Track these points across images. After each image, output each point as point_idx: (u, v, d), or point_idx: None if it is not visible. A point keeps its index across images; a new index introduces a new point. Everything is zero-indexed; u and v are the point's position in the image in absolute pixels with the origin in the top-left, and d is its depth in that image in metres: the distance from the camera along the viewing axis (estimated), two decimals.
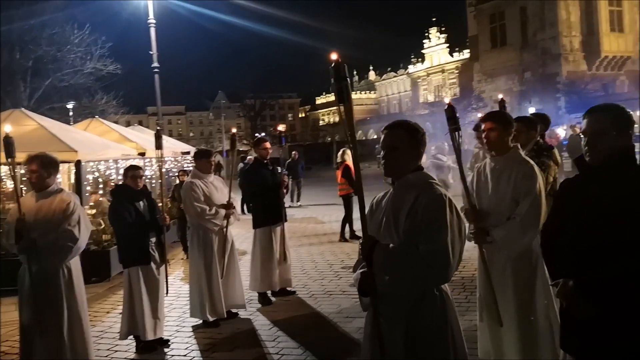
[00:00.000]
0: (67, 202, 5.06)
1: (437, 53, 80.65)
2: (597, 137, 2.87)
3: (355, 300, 7.43)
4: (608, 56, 44.54)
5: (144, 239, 6.16)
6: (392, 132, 3.02)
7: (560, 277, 2.91)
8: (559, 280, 2.90)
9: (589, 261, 2.78)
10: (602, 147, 2.86)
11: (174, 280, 9.39)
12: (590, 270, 2.76)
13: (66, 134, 9.66)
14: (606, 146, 2.85)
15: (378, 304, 2.86)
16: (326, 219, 16.32)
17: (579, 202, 2.92)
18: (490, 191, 4.50)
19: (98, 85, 28.76)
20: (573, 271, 2.85)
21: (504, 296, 4.34)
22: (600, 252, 2.74)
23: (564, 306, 2.94)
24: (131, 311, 6.18)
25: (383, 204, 3.06)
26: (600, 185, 2.84)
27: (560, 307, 3.06)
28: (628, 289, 2.66)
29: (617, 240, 2.70)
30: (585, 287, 2.76)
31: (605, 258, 2.72)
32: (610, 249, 2.71)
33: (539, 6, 45.30)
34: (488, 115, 4.75)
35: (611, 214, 2.75)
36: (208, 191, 6.96)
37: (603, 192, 2.81)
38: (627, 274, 2.66)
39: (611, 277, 2.69)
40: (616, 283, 2.69)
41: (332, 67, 2.88)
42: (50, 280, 5.00)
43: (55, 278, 5.03)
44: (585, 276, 2.77)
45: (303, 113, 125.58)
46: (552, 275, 3.08)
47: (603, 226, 2.75)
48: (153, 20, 19.73)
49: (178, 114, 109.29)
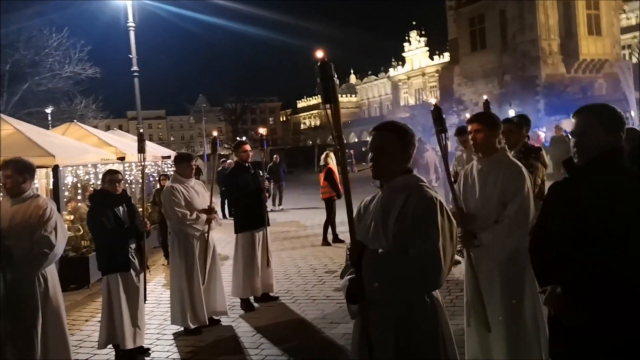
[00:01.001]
0: (43, 208, 4.89)
1: (417, 56, 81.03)
2: (585, 137, 2.78)
3: (340, 306, 7.37)
4: (586, 59, 45.16)
5: (123, 246, 6.00)
6: (381, 134, 2.92)
7: (548, 284, 2.82)
8: (547, 287, 2.82)
9: (576, 266, 2.68)
10: (590, 146, 2.77)
11: (155, 287, 9.23)
12: (578, 275, 2.66)
13: (43, 139, 9.45)
14: (594, 146, 2.76)
15: (367, 311, 2.76)
16: (308, 223, 16.21)
17: (566, 204, 2.82)
18: (478, 194, 4.42)
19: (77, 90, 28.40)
20: (561, 277, 2.76)
21: (491, 301, 4.25)
22: (588, 256, 2.65)
23: (551, 313, 2.85)
24: (110, 319, 6.01)
25: (371, 207, 2.96)
26: (587, 187, 2.75)
27: (548, 314, 2.96)
28: (618, 294, 2.56)
29: (605, 244, 2.60)
30: (574, 293, 2.68)
31: (593, 262, 2.62)
32: (598, 253, 2.61)
33: (518, 10, 45.80)
34: (474, 116, 4.67)
35: (599, 216, 2.65)
36: (189, 196, 6.82)
37: (591, 194, 2.71)
38: (616, 278, 2.56)
39: (600, 283, 2.60)
40: (605, 289, 2.59)
41: (319, 66, 2.76)
42: (26, 289, 4.83)
43: (31, 287, 4.84)
44: (573, 282, 2.67)
45: (284, 117, 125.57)
46: (540, 281, 2.97)
47: (591, 229, 2.66)
48: (132, 24, 19.49)
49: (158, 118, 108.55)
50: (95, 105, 29.72)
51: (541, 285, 2.90)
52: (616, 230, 2.58)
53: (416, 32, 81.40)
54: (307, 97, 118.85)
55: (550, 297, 2.76)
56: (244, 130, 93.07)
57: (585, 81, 45.83)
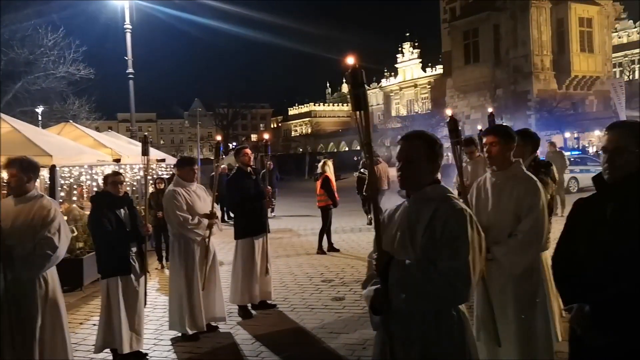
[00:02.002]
0: (47, 209, 4.80)
1: (410, 68, 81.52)
2: (618, 154, 2.73)
3: (339, 316, 7.31)
4: (578, 76, 45.54)
5: (124, 249, 5.91)
6: (409, 143, 2.87)
7: (574, 302, 2.77)
8: (573, 305, 2.77)
9: (605, 285, 2.63)
10: (622, 164, 2.72)
11: (150, 291, 9.08)
12: (607, 296, 2.62)
13: (41, 138, 9.33)
14: (627, 164, 2.72)
15: (390, 323, 2.70)
16: (302, 231, 16.14)
17: (594, 222, 2.78)
18: (491, 207, 4.37)
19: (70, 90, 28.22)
20: (588, 296, 2.71)
21: (503, 315, 4.20)
22: (617, 276, 2.60)
23: (577, 332, 2.79)
24: (108, 323, 5.91)
25: (396, 217, 2.90)
26: (618, 204, 2.71)
27: (570, 333, 2.91)
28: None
29: (635, 263, 2.57)
30: (602, 313, 2.63)
31: (623, 282, 2.58)
32: (627, 273, 2.57)
33: (511, 25, 46.14)
34: (489, 129, 4.64)
35: (629, 234, 2.61)
36: (191, 200, 6.74)
37: (621, 212, 2.68)
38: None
39: (630, 305, 2.55)
40: (634, 310, 2.55)
41: (350, 72, 2.72)
42: (26, 290, 4.73)
43: (31, 289, 4.74)
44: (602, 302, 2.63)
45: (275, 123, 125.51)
46: (565, 299, 2.92)
47: (620, 248, 2.62)
48: (129, 25, 19.41)
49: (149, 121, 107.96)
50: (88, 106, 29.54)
51: (566, 303, 2.86)
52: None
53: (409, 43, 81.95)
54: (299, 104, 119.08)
55: (576, 316, 2.71)
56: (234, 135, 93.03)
57: (576, 97, 46.21)
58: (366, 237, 13.82)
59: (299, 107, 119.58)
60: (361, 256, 11.21)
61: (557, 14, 45.50)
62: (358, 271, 9.93)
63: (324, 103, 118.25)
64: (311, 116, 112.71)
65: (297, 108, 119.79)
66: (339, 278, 9.57)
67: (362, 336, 6.34)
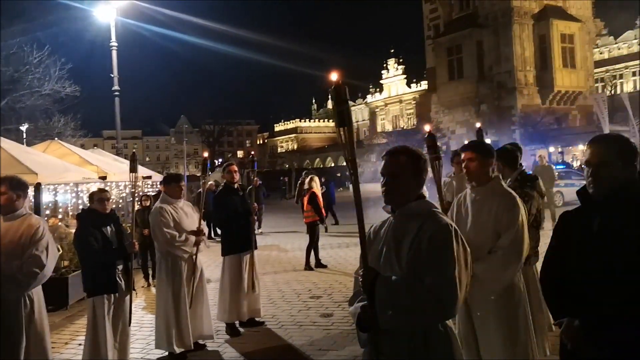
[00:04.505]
0: (35, 227, 4.81)
1: (395, 84, 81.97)
2: (603, 168, 2.75)
3: (328, 332, 7.29)
4: (561, 91, 46.08)
5: (110, 267, 5.86)
6: (394, 159, 2.88)
7: (564, 316, 2.78)
8: (563, 320, 2.78)
9: (593, 299, 2.65)
10: (607, 177, 2.74)
11: (136, 310, 8.98)
12: (598, 309, 2.63)
13: (26, 156, 9.29)
14: (611, 177, 2.74)
15: (378, 340, 2.71)
16: (289, 247, 16.10)
17: (581, 236, 2.79)
18: (470, 223, 4.33)
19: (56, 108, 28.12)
20: (577, 310, 2.72)
21: (484, 333, 4.17)
22: (605, 289, 2.62)
23: (568, 347, 2.81)
24: (94, 343, 5.82)
25: (382, 233, 2.91)
26: (606, 219, 2.72)
27: (561, 347, 2.92)
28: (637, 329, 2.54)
29: (623, 277, 2.58)
30: (592, 327, 2.65)
31: (614, 296, 2.59)
32: (618, 287, 2.59)
33: (494, 41, 46.69)
34: (467, 145, 4.59)
35: (616, 247, 2.63)
36: (178, 217, 6.72)
37: (607, 226, 2.70)
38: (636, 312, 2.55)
39: (620, 318, 2.57)
40: (627, 324, 2.56)
41: (333, 89, 2.74)
42: (11, 310, 4.69)
43: (16, 308, 4.71)
44: (593, 316, 2.65)
45: (261, 140, 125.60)
46: (554, 313, 2.93)
47: (608, 261, 2.63)
48: (115, 43, 19.42)
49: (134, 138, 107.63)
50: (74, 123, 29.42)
51: (555, 317, 2.87)
52: (634, 263, 2.56)
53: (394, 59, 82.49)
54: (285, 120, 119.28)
55: (567, 329, 2.72)
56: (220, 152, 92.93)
57: (559, 112, 46.70)
58: (354, 253, 13.79)
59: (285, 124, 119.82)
60: (349, 272, 11.20)
61: (539, 31, 46.11)
62: (346, 287, 9.91)
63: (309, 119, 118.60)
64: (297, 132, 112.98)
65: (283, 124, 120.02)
66: (327, 294, 9.54)
67: (351, 353, 6.32)
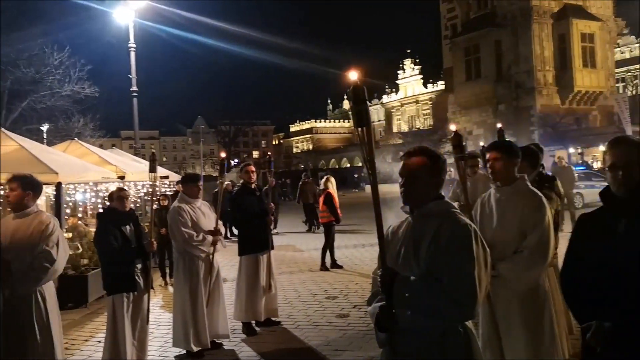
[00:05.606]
0: (45, 224, 4.88)
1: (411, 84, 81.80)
2: (631, 169, 2.73)
3: (344, 333, 7.28)
4: (581, 91, 45.53)
5: (130, 265, 5.92)
6: (412, 159, 2.88)
7: (591, 319, 2.75)
8: (592, 323, 2.74)
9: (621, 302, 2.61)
10: (635, 178, 2.73)
11: (154, 308, 9.04)
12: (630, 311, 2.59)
13: (47, 156, 9.39)
14: (636, 178, 2.73)
15: (396, 340, 2.70)
16: (304, 247, 16.12)
17: (605, 237, 2.76)
18: (495, 223, 4.32)
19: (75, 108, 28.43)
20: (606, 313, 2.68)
21: (509, 334, 4.13)
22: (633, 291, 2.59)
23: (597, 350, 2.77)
24: (114, 340, 5.89)
25: (400, 233, 2.91)
26: (631, 220, 2.70)
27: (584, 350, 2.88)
28: None
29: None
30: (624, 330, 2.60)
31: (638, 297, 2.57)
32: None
33: (513, 41, 46.26)
34: (493, 144, 4.58)
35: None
36: (195, 216, 6.76)
37: (634, 227, 2.68)
38: None
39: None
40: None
41: (351, 89, 2.74)
42: (23, 306, 4.74)
43: (28, 304, 4.76)
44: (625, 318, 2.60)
45: (277, 140, 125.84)
46: (580, 318, 2.89)
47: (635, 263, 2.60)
48: (133, 44, 19.55)
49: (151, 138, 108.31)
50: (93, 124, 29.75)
51: (581, 321, 2.83)
52: None
53: (410, 60, 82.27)
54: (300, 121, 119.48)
55: (597, 333, 2.69)
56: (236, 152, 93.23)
57: (579, 113, 46.18)
58: (370, 253, 13.79)
59: (300, 124, 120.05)
60: (365, 273, 11.20)
61: (558, 30, 45.61)
62: (362, 288, 9.91)
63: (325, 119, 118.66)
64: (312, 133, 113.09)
65: (299, 125, 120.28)
66: (343, 295, 9.54)
67: (367, 353, 6.31)
